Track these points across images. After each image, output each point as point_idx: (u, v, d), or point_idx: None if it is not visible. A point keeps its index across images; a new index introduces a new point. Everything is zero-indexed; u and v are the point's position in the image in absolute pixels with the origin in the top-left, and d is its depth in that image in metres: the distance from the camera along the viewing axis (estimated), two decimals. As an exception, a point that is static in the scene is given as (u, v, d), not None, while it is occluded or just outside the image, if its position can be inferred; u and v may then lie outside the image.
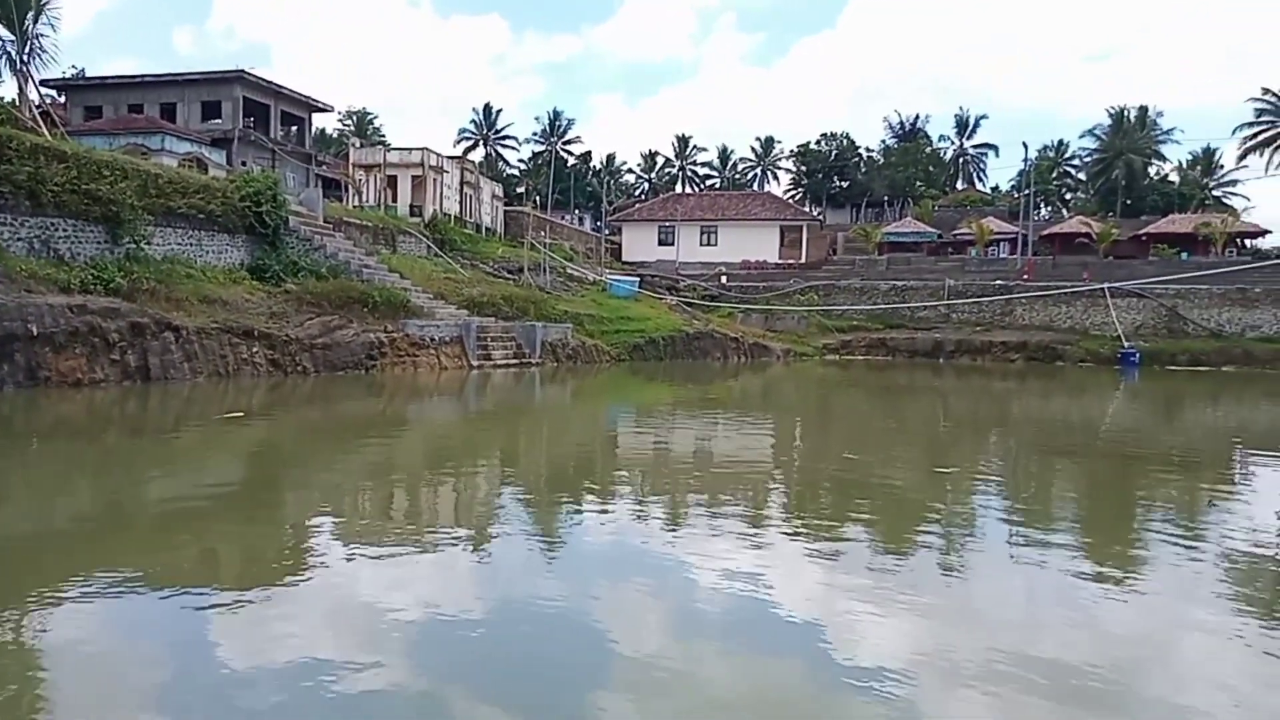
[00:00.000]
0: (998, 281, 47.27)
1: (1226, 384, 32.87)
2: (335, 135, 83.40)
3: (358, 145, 52.40)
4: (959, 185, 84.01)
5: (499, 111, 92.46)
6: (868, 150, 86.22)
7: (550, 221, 55.81)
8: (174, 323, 21.08)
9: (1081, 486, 12.79)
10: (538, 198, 64.80)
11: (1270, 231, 61.54)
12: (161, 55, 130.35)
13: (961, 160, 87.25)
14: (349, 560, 7.58)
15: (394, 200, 45.37)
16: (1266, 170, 71.45)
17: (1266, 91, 69.50)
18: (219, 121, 42.61)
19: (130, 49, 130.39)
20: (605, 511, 9.90)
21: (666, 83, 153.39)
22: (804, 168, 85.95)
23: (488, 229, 51.36)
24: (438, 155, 47.02)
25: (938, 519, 9.85)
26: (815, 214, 72.41)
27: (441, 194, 46.45)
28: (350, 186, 46.07)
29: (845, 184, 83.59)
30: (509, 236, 51.21)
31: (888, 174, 79.92)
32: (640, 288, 45.27)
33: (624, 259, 57.29)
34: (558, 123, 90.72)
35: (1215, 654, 5.80)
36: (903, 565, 7.80)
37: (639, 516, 9.62)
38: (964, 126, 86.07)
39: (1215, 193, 74.11)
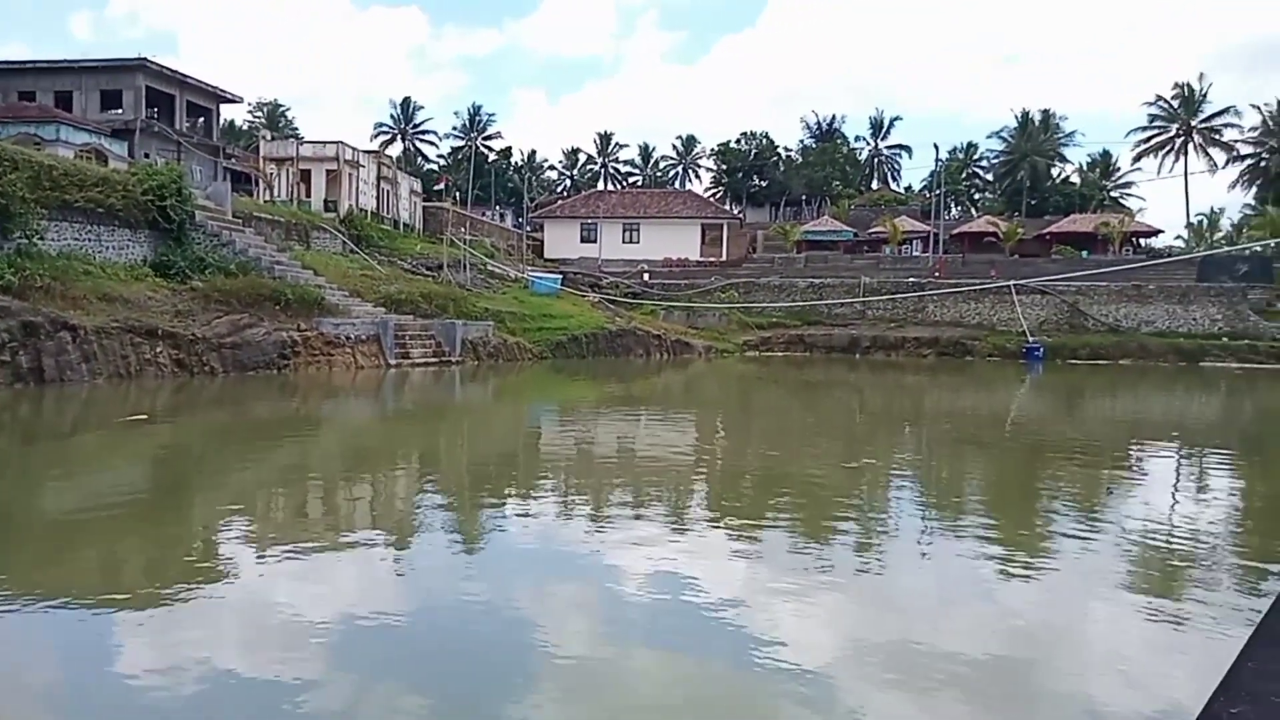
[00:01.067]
0: (911, 279, 48.63)
1: (1123, 377, 34.53)
2: (245, 128, 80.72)
3: (269, 138, 50.71)
4: (874, 185, 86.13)
5: (418, 106, 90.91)
6: (786, 150, 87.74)
7: (470, 218, 55.08)
8: (71, 322, 20.06)
9: (990, 476, 13.26)
10: (457, 193, 63.83)
11: (1162, 231, 65.10)
12: (57, 41, 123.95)
13: (876, 160, 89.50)
14: (263, 565, 7.32)
15: (307, 195, 44.10)
16: (1158, 172, 75.70)
17: (1158, 98, 73.52)
18: (120, 112, 40.74)
19: (21, 34, 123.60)
20: (529, 510, 9.82)
21: (589, 79, 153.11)
22: (724, 166, 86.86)
23: (406, 225, 50.38)
24: (353, 149, 45.92)
25: (856, 511, 10.08)
26: (735, 212, 73.31)
27: (357, 189, 45.37)
28: (261, 180, 44.59)
29: (764, 183, 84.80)
30: (428, 233, 50.33)
31: (806, 173, 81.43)
32: (563, 285, 45.05)
33: (546, 256, 56.96)
34: (478, 118, 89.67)
35: (1114, 635, 6.08)
36: (823, 558, 7.95)
37: (563, 514, 9.58)
38: (879, 127, 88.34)
39: (1113, 194, 77.85)
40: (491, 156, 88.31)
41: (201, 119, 46.30)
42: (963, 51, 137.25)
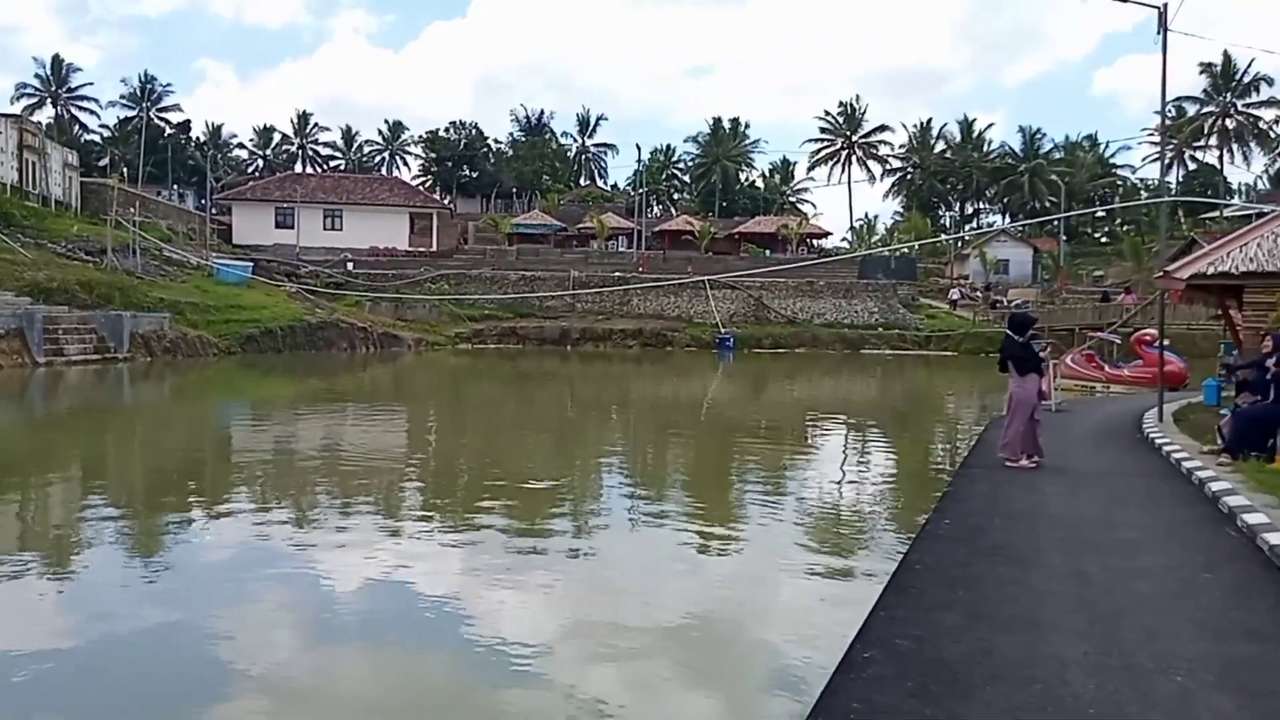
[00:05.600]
0: (617, 273, 50.61)
1: (800, 364, 38.49)
2: None
3: None
4: (582, 181, 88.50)
5: (73, 68, 79.32)
6: (497, 142, 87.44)
7: (142, 197, 49.00)
8: None
9: (689, 458, 14.19)
10: (125, 170, 56.55)
11: (831, 233, 73.48)
12: None
13: (584, 157, 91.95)
14: None
15: (-77, 162, 36.88)
16: (828, 180, 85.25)
17: (827, 114, 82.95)
18: None
19: None
20: (218, 520, 8.90)
21: (285, 55, 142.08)
22: (434, 155, 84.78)
23: (59, 203, 43.84)
24: (-14, 111, 39.05)
25: (568, 500, 10.30)
26: (446, 202, 71.92)
27: (-8, 158, 38.66)
28: None
29: (475, 174, 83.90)
30: (89, 213, 44.13)
31: (516, 166, 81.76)
32: (254, 273, 41.61)
33: (235, 242, 52.17)
34: (151, 87, 79.90)
35: (794, 595, 6.74)
36: (537, 547, 8.00)
37: (259, 523, 8.79)
38: (585, 125, 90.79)
39: (792, 198, 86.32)
40: (168, 130, 79.25)
41: None
42: (662, 57, 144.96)
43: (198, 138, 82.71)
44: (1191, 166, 74.42)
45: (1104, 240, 77.17)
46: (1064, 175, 72.57)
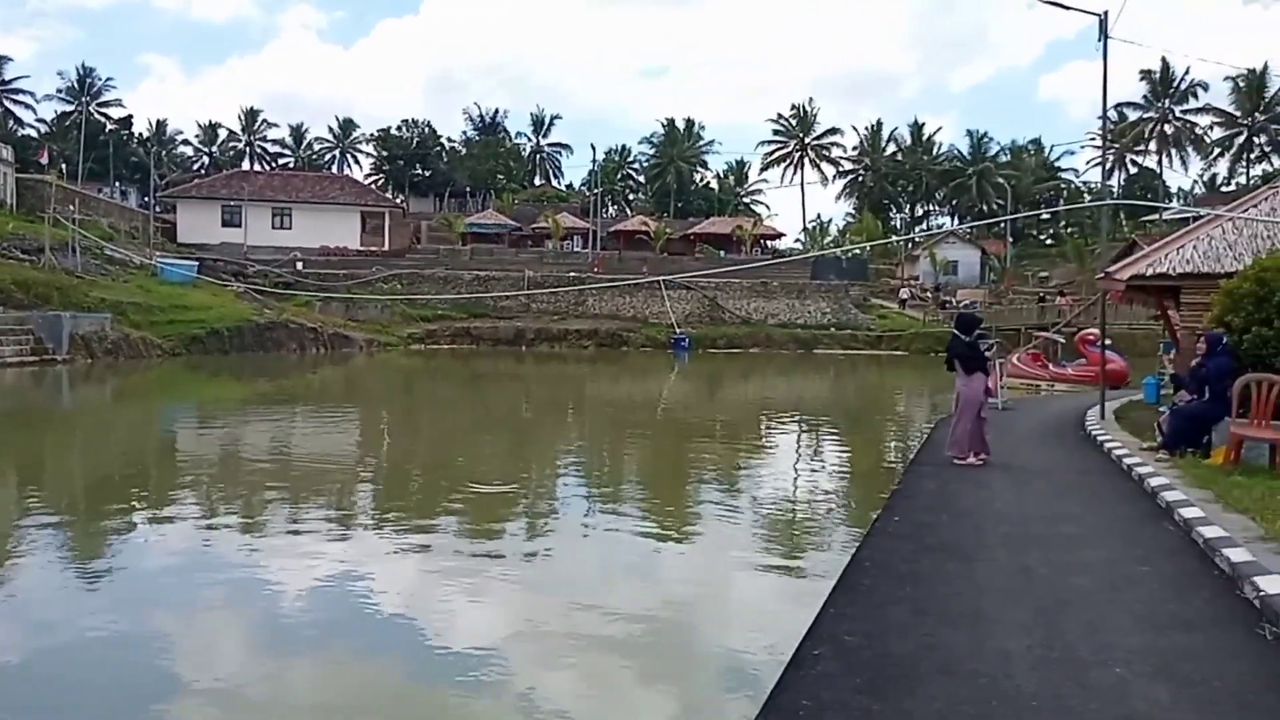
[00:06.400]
0: (572, 273, 50.44)
1: (754, 363, 38.75)
2: None
3: None
4: (537, 180, 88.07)
5: (5, 58, 76.67)
6: (450, 140, 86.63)
7: (82, 194, 47.64)
8: None
9: (645, 458, 14.20)
10: (64, 166, 54.92)
11: (785, 234, 74.11)
12: None
13: (539, 157, 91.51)
14: None
15: None
16: (782, 182, 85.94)
17: (780, 116, 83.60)
18: None
19: None
20: (164, 525, 8.68)
21: (233, 51, 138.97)
22: (385, 153, 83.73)
23: (-7, 199, 42.40)
24: (-85, 103, 37.62)
25: (524, 501, 10.23)
26: (398, 201, 71.06)
27: (-78, 152, 37.27)
28: None
29: (428, 172, 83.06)
30: (24, 210, 42.73)
31: (469, 165, 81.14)
32: (200, 273, 40.69)
33: (180, 241, 50.96)
34: (90, 80, 77.64)
35: (749, 593, 6.79)
36: (493, 550, 7.95)
37: (207, 527, 8.60)
38: (540, 125, 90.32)
39: (746, 199, 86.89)
40: (109, 126, 77.09)
41: None
42: (617, 58, 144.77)
43: (141, 134, 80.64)
44: (1132, 171, 76.56)
45: (1049, 242, 78.92)
46: (1010, 178, 74.12)
